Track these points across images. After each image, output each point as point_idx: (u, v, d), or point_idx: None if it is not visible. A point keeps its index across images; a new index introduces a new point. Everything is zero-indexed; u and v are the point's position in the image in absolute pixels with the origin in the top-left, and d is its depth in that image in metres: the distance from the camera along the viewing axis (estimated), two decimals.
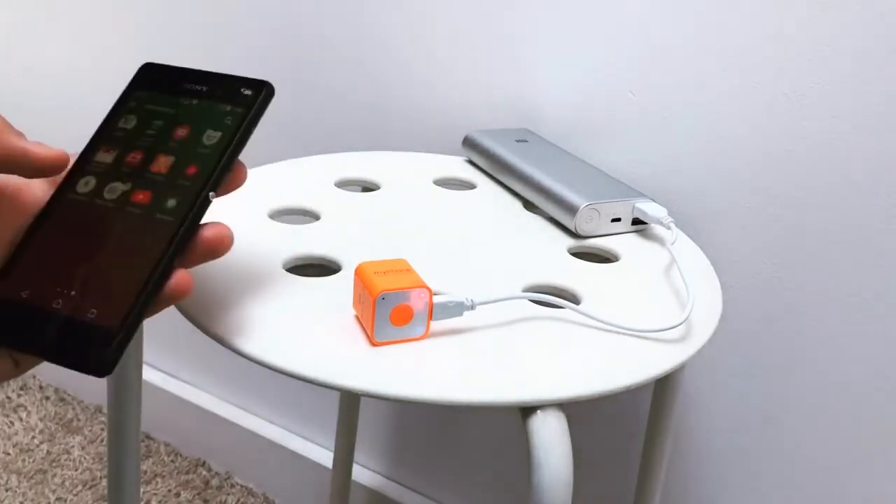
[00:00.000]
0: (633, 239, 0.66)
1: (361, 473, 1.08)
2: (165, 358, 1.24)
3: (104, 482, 1.17)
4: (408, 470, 1.06)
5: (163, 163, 0.46)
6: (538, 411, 0.46)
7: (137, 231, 0.44)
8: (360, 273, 0.49)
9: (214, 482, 1.19)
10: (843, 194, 0.70)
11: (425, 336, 0.49)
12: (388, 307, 0.47)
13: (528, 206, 0.70)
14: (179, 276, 0.43)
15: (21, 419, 1.28)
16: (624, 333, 0.53)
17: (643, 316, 0.55)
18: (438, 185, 0.73)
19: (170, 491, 1.17)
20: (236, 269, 0.55)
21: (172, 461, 1.22)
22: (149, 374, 1.24)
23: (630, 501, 0.79)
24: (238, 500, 1.16)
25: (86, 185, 0.46)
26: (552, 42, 0.79)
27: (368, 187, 0.72)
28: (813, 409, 0.77)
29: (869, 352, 0.73)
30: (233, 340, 0.48)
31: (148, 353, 1.25)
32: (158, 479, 1.19)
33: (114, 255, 0.44)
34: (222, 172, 0.45)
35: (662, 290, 0.59)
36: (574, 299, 0.57)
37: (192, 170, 0.45)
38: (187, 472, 1.20)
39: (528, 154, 0.73)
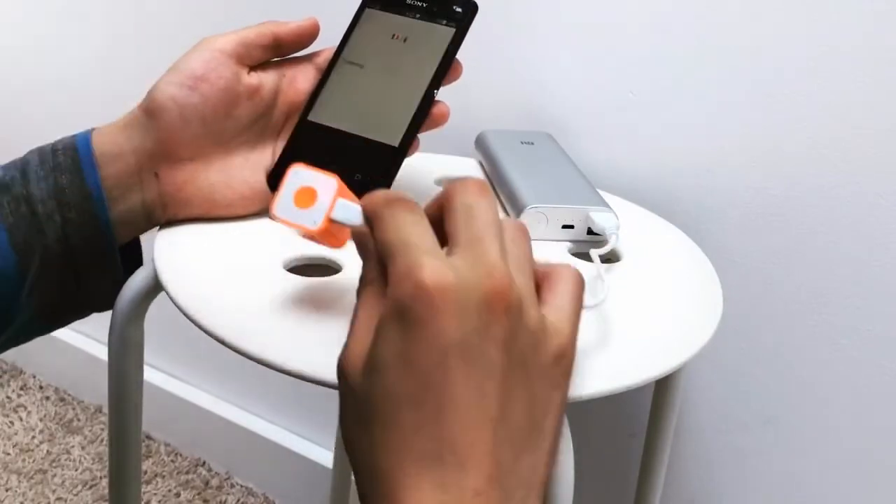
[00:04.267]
0: (635, 239, 0.66)
1: None
2: (165, 358, 1.24)
3: (104, 482, 1.17)
4: None
5: (400, 62, 0.57)
6: None
7: (398, 88, 0.56)
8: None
9: (214, 482, 1.19)
10: (842, 194, 0.70)
11: (318, 231, 0.44)
12: (297, 184, 0.44)
13: None
14: (441, 106, 0.56)
15: (21, 419, 1.28)
16: (624, 333, 0.53)
17: (643, 316, 0.55)
18: (440, 185, 0.73)
19: (170, 491, 1.17)
20: (237, 269, 0.55)
21: (172, 461, 1.22)
22: (149, 374, 1.24)
23: (630, 501, 0.79)
24: (238, 500, 1.17)
25: (341, 73, 0.58)
26: (552, 42, 0.79)
27: None
28: (813, 409, 0.77)
29: (869, 351, 0.73)
30: (233, 340, 0.48)
31: (148, 354, 1.24)
32: (158, 479, 1.19)
33: (382, 102, 0.57)
34: (446, 67, 0.57)
35: (663, 290, 0.59)
36: None
37: (421, 67, 0.57)
38: (187, 472, 1.20)
39: (519, 155, 0.72)
